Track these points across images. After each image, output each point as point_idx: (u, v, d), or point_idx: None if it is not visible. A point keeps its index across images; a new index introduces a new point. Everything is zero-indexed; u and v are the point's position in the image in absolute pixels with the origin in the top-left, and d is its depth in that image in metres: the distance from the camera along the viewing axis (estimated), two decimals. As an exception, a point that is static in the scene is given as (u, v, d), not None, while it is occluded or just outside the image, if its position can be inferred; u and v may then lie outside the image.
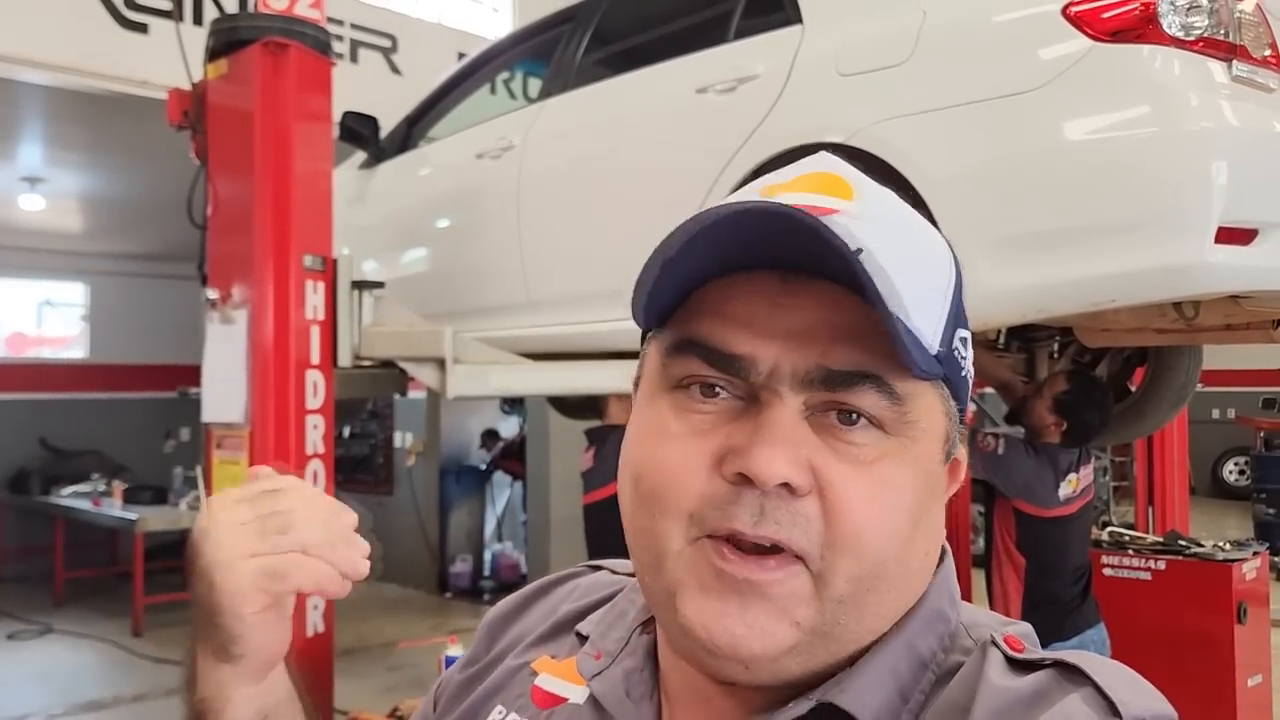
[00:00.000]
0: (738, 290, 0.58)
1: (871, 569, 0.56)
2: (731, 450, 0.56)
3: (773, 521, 0.55)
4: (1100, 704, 0.53)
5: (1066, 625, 3.08)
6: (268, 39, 2.93)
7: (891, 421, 0.56)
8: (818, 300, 0.56)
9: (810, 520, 0.55)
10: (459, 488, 8.59)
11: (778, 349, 0.56)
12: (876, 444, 0.56)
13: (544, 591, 0.81)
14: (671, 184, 2.80)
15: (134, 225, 8.57)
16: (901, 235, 0.58)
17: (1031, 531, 3.11)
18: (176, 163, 3.68)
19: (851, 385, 0.55)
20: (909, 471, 0.57)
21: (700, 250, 0.56)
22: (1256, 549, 3.91)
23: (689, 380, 0.58)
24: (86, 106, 5.37)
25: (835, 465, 0.56)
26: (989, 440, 3.06)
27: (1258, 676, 3.67)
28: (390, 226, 4.03)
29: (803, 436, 0.56)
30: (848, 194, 0.58)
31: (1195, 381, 3.40)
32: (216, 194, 3.07)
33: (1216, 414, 11.92)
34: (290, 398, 2.91)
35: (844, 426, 0.56)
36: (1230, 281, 1.96)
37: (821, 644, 0.57)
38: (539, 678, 0.72)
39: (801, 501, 0.55)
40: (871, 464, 0.56)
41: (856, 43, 2.46)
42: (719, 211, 0.55)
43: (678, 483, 0.57)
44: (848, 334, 0.56)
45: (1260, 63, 2.06)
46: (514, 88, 4.57)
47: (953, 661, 0.60)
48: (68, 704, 5.48)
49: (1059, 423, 3.10)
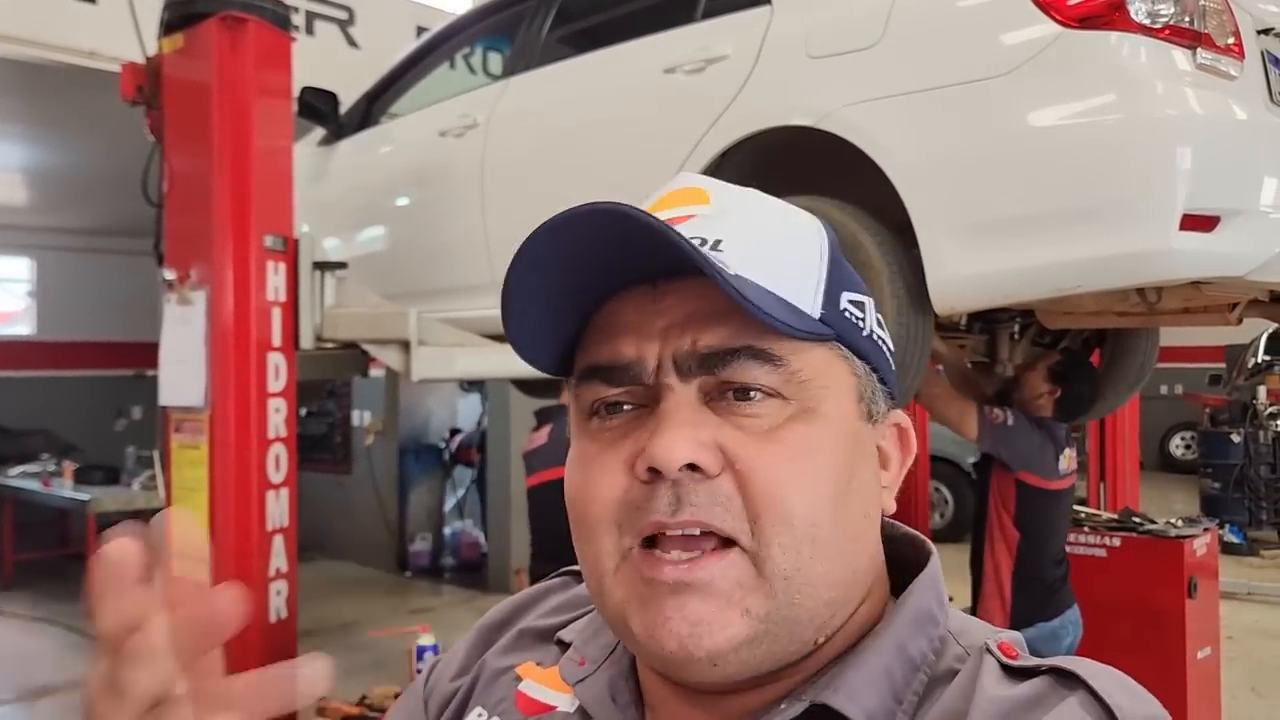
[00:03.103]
0: (618, 309, 0.61)
1: (805, 533, 0.56)
2: (639, 451, 0.57)
3: (690, 506, 0.56)
4: (1096, 709, 0.53)
5: (1050, 605, 3.16)
6: (225, 13, 2.86)
7: (784, 386, 0.58)
8: (687, 295, 0.59)
9: (729, 497, 0.56)
10: (419, 466, 8.55)
11: (658, 345, 0.58)
12: (777, 411, 0.58)
13: (534, 600, 0.81)
14: (639, 165, 2.77)
15: (81, 199, 8.37)
16: (759, 221, 0.62)
17: (1031, 504, 3.17)
18: (126, 136, 3.58)
19: (729, 361, 0.57)
20: (819, 431, 0.58)
21: (553, 270, 0.58)
22: (1206, 526, 4.01)
23: (596, 404, 0.61)
24: (30, 77, 5.21)
25: (740, 439, 0.57)
26: (997, 413, 3.11)
27: (1207, 649, 3.77)
28: (351, 205, 3.96)
29: (703, 419, 0.57)
30: (703, 199, 0.62)
31: (1153, 362, 3.47)
32: (173, 171, 2.99)
33: (1164, 390, 12.19)
34: (251, 381, 2.85)
35: (741, 402, 0.58)
36: (1194, 268, 1.99)
37: (783, 629, 0.57)
38: (523, 684, 0.71)
39: (715, 481, 0.56)
40: (775, 430, 0.57)
41: (826, 25, 2.45)
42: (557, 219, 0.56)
43: (599, 495, 0.59)
44: (717, 316, 0.58)
45: (1223, 51, 2.08)
46: (474, 63, 4.50)
47: (946, 668, 0.60)
48: (19, 689, 5.39)
49: (1053, 391, 3.17)
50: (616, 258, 0.58)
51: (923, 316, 2.29)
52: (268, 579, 2.88)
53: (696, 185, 0.64)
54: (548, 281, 0.59)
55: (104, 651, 0.44)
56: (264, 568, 2.87)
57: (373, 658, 5.54)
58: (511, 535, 7.10)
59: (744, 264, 0.58)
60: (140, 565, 0.44)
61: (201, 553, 0.49)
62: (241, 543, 2.83)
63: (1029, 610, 3.11)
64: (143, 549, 0.45)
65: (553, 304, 0.60)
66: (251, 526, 2.84)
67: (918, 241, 2.21)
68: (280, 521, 2.92)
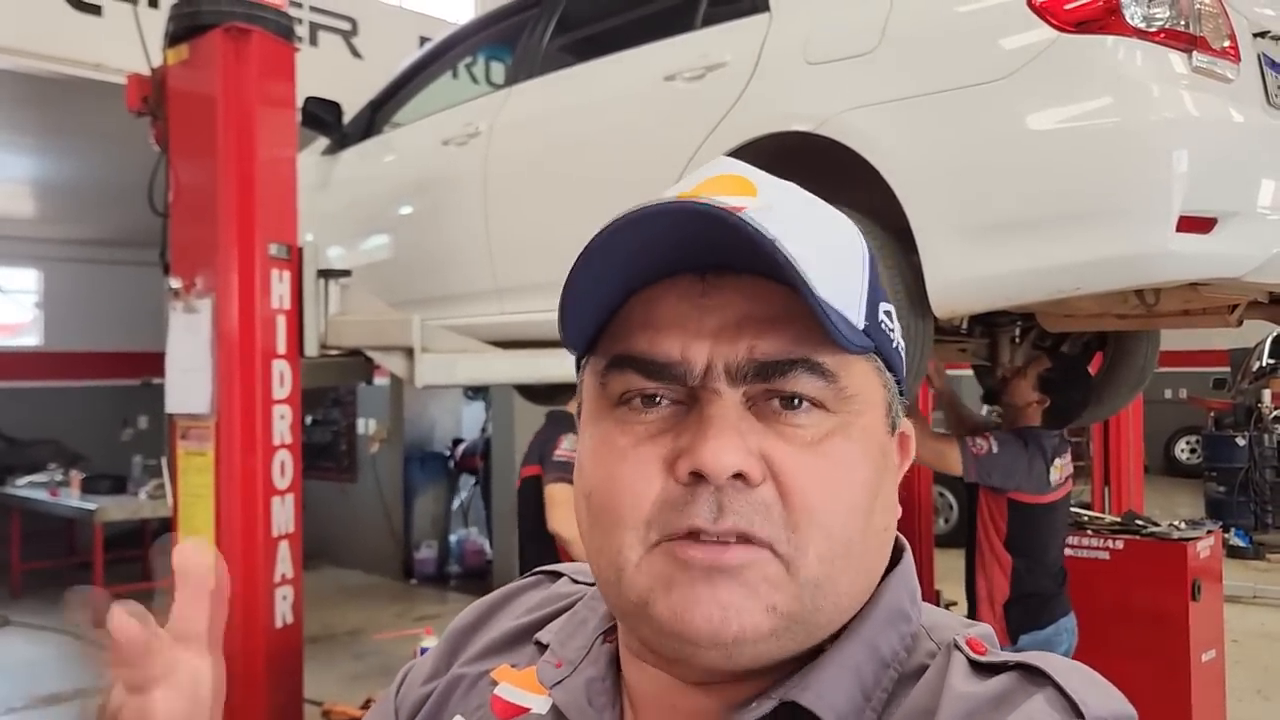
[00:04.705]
0: (661, 298, 0.59)
1: (840, 547, 0.57)
2: (681, 452, 0.56)
3: (732, 514, 0.55)
4: (1063, 705, 0.53)
5: (1044, 615, 3.13)
6: (230, 24, 2.88)
7: (831, 399, 0.58)
8: (740, 294, 0.57)
9: (769, 506, 0.56)
10: (424, 474, 8.56)
11: (708, 348, 0.57)
12: (821, 423, 0.57)
13: (506, 600, 0.80)
14: (640, 171, 2.79)
15: (87, 211, 8.41)
16: (809, 221, 0.60)
17: (1024, 522, 3.11)
18: (131, 147, 3.61)
19: (785, 372, 0.57)
20: (857, 445, 0.58)
21: (619, 258, 0.57)
22: (1210, 528, 4.01)
23: (629, 394, 0.59)
24: (38, 89, 5.25)
25: (784, 449, 0.56)
26: (979, 443, 3.05)
27: (1211, 651, 3.77)
28: (355, 213, 3.99)
29: (748, 427, 0.56)
30: (751, 191, 0.59)
31: (1153, 365, 3.47)
32: (178, 181, 3.02)
33: (1169, 394, 12.16)
34: (257, 388, 2.87)
35: (787, 411, 0.57)
36: (1191, 269, 2.00)
37: (801, 629, 0.57)
38: (499, 687, 0.71)
39: (757, 490, 0.56)
40: (819, 443, 0.57)
41: (824, 31, 2.47)
42: (640, 213, 0.55)
43: (632, 493, 0.57)
44: (773, 322, 0.57)
45: (1219, 54, 2.10)
46: (476, 72, 4.53)
47: (916, 663, 0.60)
48: (28, 697, 5.40)
49: (1042, 400, 3.15)
50: (675, 251, 0.56)
51: (923, 320, 2.30)
52: (273, 584, 2.89)
53: (741, 174, 0.61)
54: (606, 271, 0.57)
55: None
56: (270, 573, 2.89)
57: (378, 663, 5.56)
58: (515, 542, 7.09)
59: (807, 270, 0.55)
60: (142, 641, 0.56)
61: (207, 576, 0.60)
62: (247, 548, 2.85)
63: (1022, 623, 3.06)
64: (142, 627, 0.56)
65: (601, 289, 0.59)
66: (257, 532, 2.86)
67: (917, 246, 2.22)
68: (286, 527, 2.93)
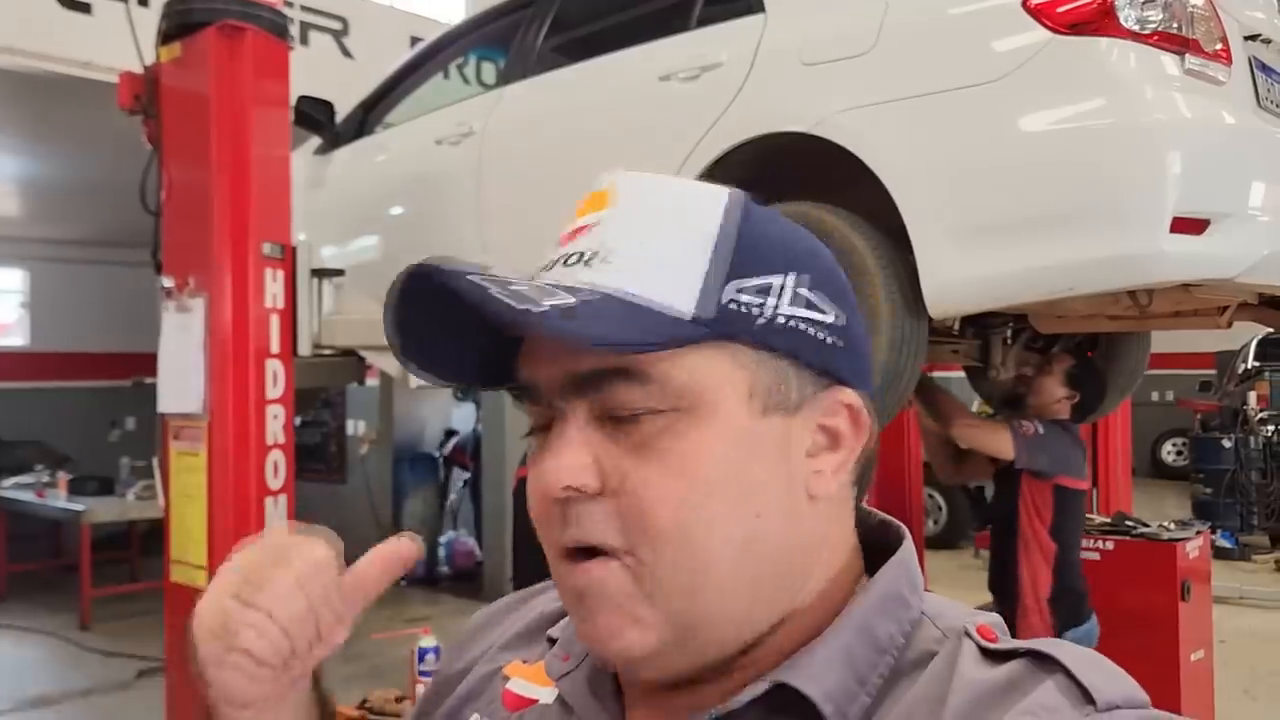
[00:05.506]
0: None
1: (683, 545, 0.56)
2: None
3: (574, 525, 0.58)
4: (1074, 691, 0.53)
5: (1082, 612, 3.18)
6: (223, 22, 2.87)
7: (658, 398, 0.57)
8: None
9: (608, 515, 0.57)
10: (413, 475, 8.54)
11: (546, 369, 0.59)
12: (650, 423, 0.57)
13: (522, 601, 0.81)
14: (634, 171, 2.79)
15: (75, 210, 8.36)
16: (647, 218, 0.60)
17: (1066, 509, 3.17)
18: (120, 146, 3.59)
19: (600, 383, 0.57)
20: (697, 436, 0.57)
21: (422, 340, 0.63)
22: (1199, 529, 4.03)
23: (530, 419, 0.63)
24: (24, 88, 5.21)
25: (620, 457, 0.58)
26: (1026, 425, 3.11)
27: (1200, 651, 3.80)
28: (348, 213, 3.97)
29: (586, 438, 0.58)
30: (604, 203, 0.61)
31: (1144, 367, 3.49)
32: (171, 180, 3.00)
33: (1155, 396, 12.24)
34: (250, 388, 2.86)
35: (620, 419, 0.58)
36: (1184, 270, 2.02)
37: (692, 634, 0.58)
38: (510, 682, 0.72)
39: (598, 500, 0.58)
40: (650, 443, 0.57)
41: (819, 32, 2.48)
42: (391, 306, 0.64)
43: (535, 514, 0.62)
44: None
45: (1211, 56, 2.12)
46: (467, 73, 4.52)
47: (921, 650, 0.59)
48: (15, 700, 5.37)
49: (1071, 395, 3.21)
50: (450, 315, 0.61)
51: (917, 320, 2.31)
52: (267, 585, 2.88)
53: (604, 188, 0.62)
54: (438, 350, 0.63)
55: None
56: (263, 574, 2.87)
57: (372, 665, 5.53)
58: (505, 544, 7.09)
59: (623, 273, 0.57)
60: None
61: (407, 562, 0.71)
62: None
63: (1067, 620, 3.11)
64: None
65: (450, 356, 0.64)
66: (250, 532, 2.83)
67: (912, 246, 2.23)
68: (279, 528, 2.92)
